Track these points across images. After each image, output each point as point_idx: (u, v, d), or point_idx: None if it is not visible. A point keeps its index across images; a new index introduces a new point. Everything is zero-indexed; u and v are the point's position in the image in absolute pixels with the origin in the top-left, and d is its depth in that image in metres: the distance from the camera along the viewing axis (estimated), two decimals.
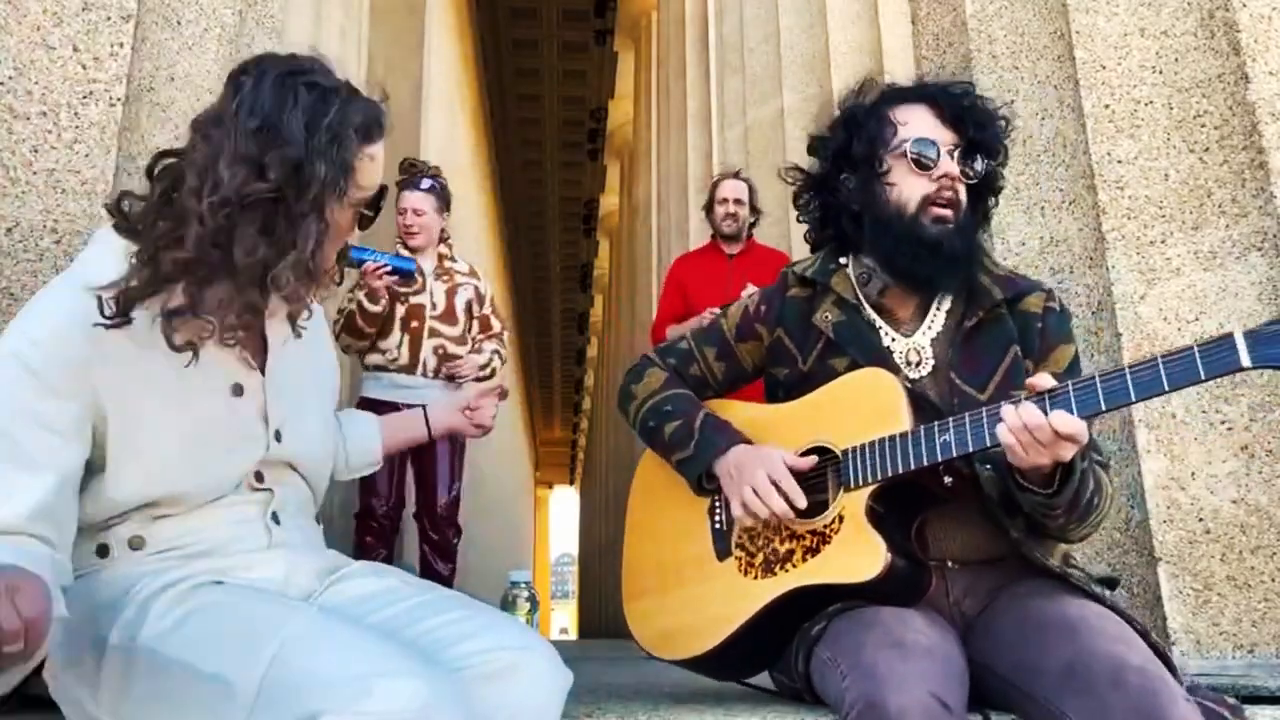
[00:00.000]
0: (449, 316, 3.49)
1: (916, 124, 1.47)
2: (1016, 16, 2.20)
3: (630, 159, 15.27)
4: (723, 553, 1.49)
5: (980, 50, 2.21)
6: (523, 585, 1.71)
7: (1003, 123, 1.51)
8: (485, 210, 16.18)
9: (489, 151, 17.06)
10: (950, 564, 1.41)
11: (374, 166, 1.20)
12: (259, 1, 2.32)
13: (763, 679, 1.57)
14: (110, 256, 1.14)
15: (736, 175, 4.16)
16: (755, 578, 1.42)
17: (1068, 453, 1.22)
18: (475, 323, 3.58)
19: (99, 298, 1.08)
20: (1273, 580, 1.66)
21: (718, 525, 1.52)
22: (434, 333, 3.45)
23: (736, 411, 1.58)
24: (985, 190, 1.52)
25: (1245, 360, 1.09)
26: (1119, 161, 1.90)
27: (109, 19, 1.83)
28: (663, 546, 1.60)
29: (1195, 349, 1.13)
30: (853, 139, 1.52)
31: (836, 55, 4.75)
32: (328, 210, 1.14)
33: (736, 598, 1.43)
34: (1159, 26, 1.94)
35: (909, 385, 1.41)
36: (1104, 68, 1.95)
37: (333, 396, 1.41)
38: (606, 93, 16.59)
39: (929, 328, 1.49)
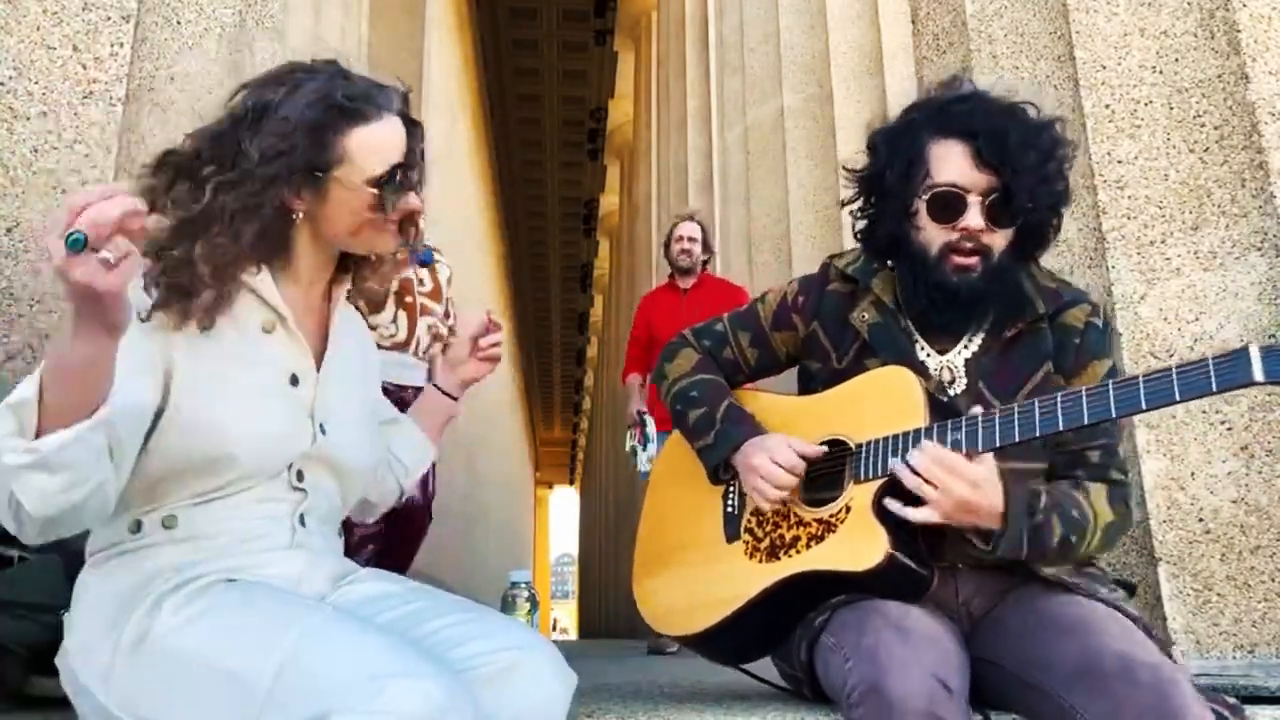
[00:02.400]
0: (436, 294, 3.39)
1: (948, 168, 1.38)
2: (1016, 16, 2.19)
3: (630, 159, 15.27)
4: (732, 536, 1.50)
5: (980, 50, 2.21)
6: (523, 585, 1.71)
7: (1061, 148, 1.41)
8: (485, 210, 16.18)
9: (489, 151, 17.06)
10: (961, 566, 1.42)
11: (369, 145, 1.20)
12: (259, 1, 2.32)
13: (760, 666, 1.58)
14: None
15: (691, 218, 4.69)
16: (760, 561, 1.43)
17: (959, 489, 1.24)
18: (449, 303, 3.46)
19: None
20: (1273, 580, 1.66)
21: (730, 509, 1.53)
22: (425, 310, 3.33)
23: (762, 401, 1.58)
24: (1037, 225, 1.43)
25: (1259, 375, 1.09)
26: (1119, 161, 1.90)
27: (109, 19, 1.83)
28: (676, 526, 1.61)
29: (1210, 361, 1.12)
30: (888, 167, 1.45)
31: (836, 55, 4.75)
32: (269, 191, 1.15)
33: (740, 580, 1.44)
34: (1159, 26, 1.94)
35: (945, 399, 1.41)
36: (1104, 68, 1.95)
37: (374, 413, 1.41)
38: (606, 93, 16.60)
39: (965, 347, 1.46)
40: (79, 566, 1.18)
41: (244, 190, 1.15)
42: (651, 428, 4.48)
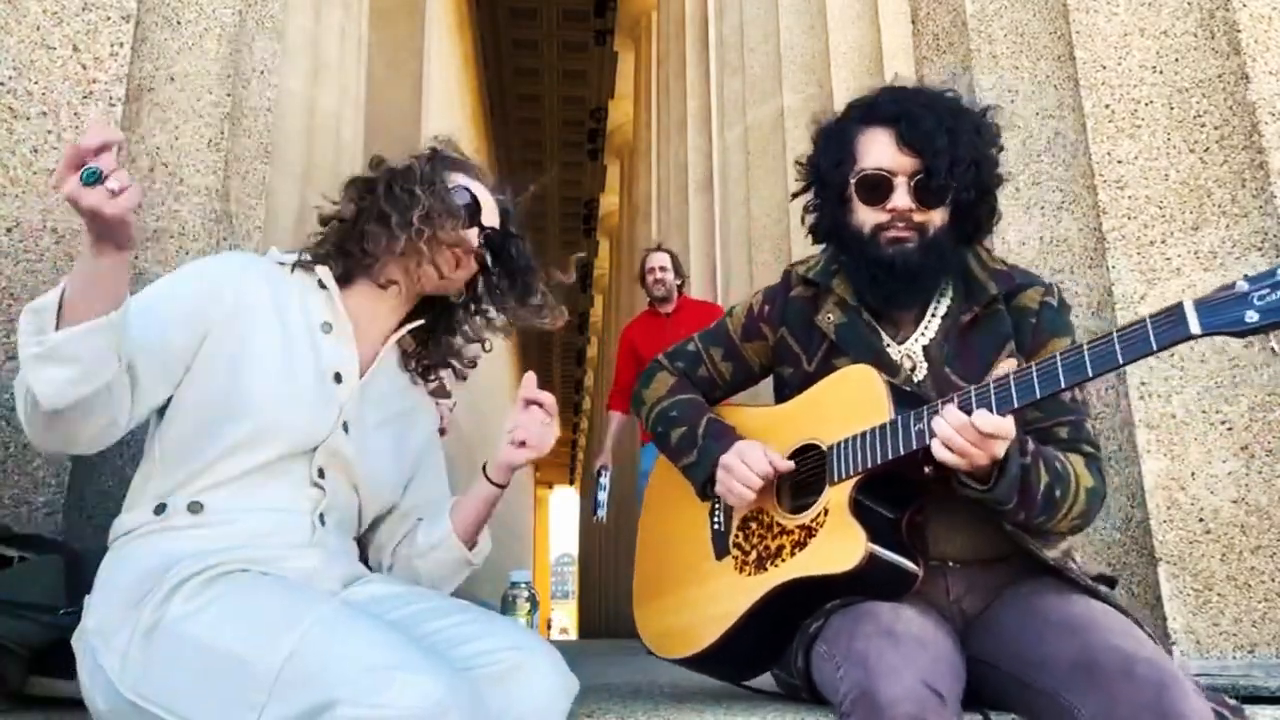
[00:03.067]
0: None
1: (874, 152, 1.46)
2: (1016, 16, 2.19)
3: (630, 159, 15.26)
4: (721, 552, 1.51)
5: (980, 50, 2.21)
6: (523, 585, 1.71)
7: (984, 132, 1.48)
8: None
9: (489, 152, 17.05)
10: (951, 563, 1.41)
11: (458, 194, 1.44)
12: (259, 1, 2.32)
13: (764, 682, 1.57)
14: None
15: (659, 248, 4.99)
16: (749, 574, 1.44)
17: (1000, 449, 1.23)
18: None
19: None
20: (1273, 580, 1.66)
21: (717, 526, 1.54)
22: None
23: (740, 414, 1.60)
24: (969, 206, 1.49)
25: (1195, 328, 1.10)
26: (1119, 161, 1.90)
27: (109, 19, 1.83)
28: (669, 549, 1.62)
29: (1148, 320, 1.14)
30: (823, 157, 1.53)
31: (836, 55, 4.75)
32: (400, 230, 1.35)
33: (732, 595, 1.44)
34: (1159, 26, 1.93)
35: (910, 388, 1.42)
36: (1104, 68, 1.95)
37: (412, 453, 1.45)
38: (606, 93, 16.58)
39: (923, 334, 1.50)
40: (79, 566, 1.18)
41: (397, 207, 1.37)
42: (605, 479, 4.76)
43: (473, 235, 1.43)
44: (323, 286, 1.37)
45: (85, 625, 1.16)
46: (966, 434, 1.22)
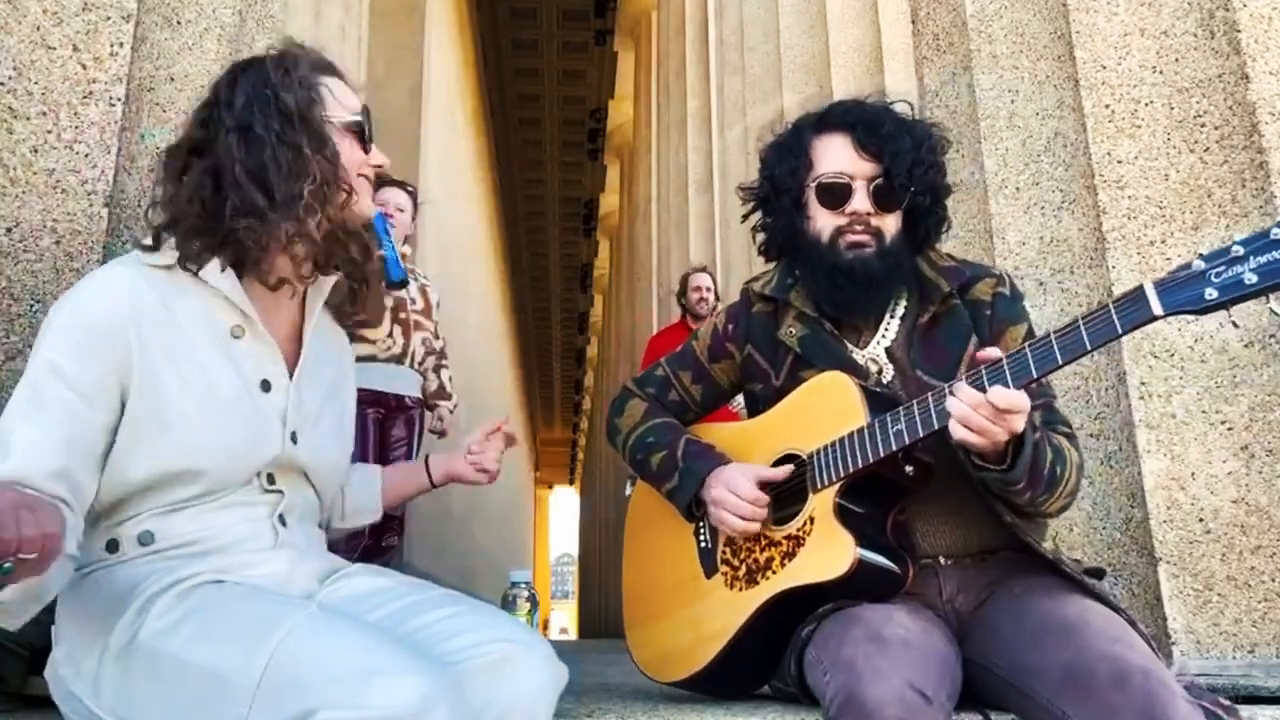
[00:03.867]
0: (427, 311, 3.63)
1: (832, 157, 1.48)
2: (1016, 16, 2.19)
3: (630, 159, 15.26)
4: (710, 570, 1.51)
5: (980, 50, 2.21)
6: (523, 585, 1.71)
7: (935, 140, 1.50)
8: (485, 210, 16.17)
9: (489, 151, 17.05)
10: (942, 560, 1.42)
11: (340, 89, 1.29)
12: (259, 1, 2.32)
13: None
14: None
15: (704, 269, 5.48)
16: (740, 589, 1.44)
17: (1019, 423, 1.23)
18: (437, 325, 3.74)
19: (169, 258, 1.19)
20: (1273, 580, 1.66)
21: (703, 544, 1.54)
22: (418, 325, 3.56)
23: (717, 432, 1.61)
24: (921, 214, 1.51)
25: (1157, 309, 1.12)
26: (1119, 161, 1.90)
27: (109, 19, 1.83)
28: (657, 572, 1.62)
29: (1111, 305, 1.15)
30: (776, 168, 1.55)
31: (836, 55, 4.75)
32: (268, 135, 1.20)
33: (726, 612, 1.44)
34: (1159, 26, 1.94)
35: (880, 389, 1.43)
36: (1104, 68, 1.95)
37: (349, 421, 1.42)
38: (606, 93, 16.59)
39: (883, 337, 1.51)
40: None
41: (252, 132, 1.19)
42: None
43: (377, 156, 1.32)
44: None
45: (54, 656, 1.14)
46: (983, 410, 1.21)
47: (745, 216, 1.66)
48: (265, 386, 1.23)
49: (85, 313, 1.13)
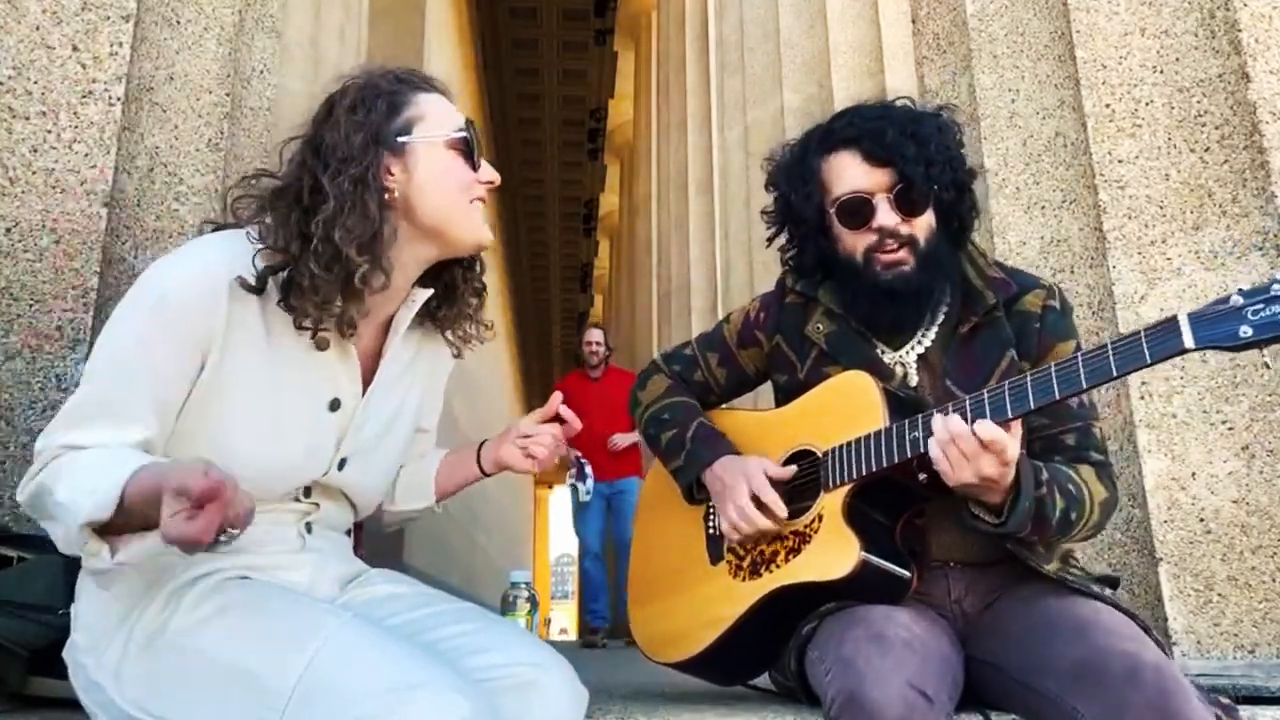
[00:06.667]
0: None
1: (845, 177, 1.44)
2: (1017, 16, 2.19)
3: (630, 159, 15.25)
4: (716, 557, 1.51)
5: (980, 50, 2.20)
6: (523, 585, 1.70)
7: (946, 130, 1.46)
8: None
9: (489, 151, 17.04)
10: (951, 564, 1.41)
11: (438, 105, 1.23)
12: (258, 1, 2.32)
13: (763, 681, 1.57)
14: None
15: (597, 325, 6.48)
16: (744, 580, 1.44)
17: (990, 466, 1.20)
18: None
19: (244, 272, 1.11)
20: (1273, 580, 1.65)
21: (711, 530, 1.54)
22: None
23: (732, 419, 1.61)
24: (951, 206, 1.47)
25: (1189, 342, 1.10)
26: (1120, 161, 1.90)
27: (109, 19, 1.83)
28: (664, 553, 1.62)
29: (1142, 333, 1.13)
30: (791, 194, 1.51)
31: (836, 55, 4.75)
32: (366, 162, 1.14)
33: (727, 600, 1.44)
34: (1160, 26, 1.93)
35: (906, 392, 1.42)
36: (1105, 67, 1.95)
37: (413, 427, 1.37)
38: (606, 92, 16.57)
39: (919, 342, 1.48)
40: (79, 566, 1.17)
41: (352, 173, 1.12)
42: (588, 467, 5.01)
43: (487, 172, 1.25)
44: None
45: (74, 640, 1.13)
46: (964, 444, 1.20)
47: (770, 240, 1.63)
48: (334, 406, 1.19)
49: (184, 292, 1.08)
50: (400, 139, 1.18)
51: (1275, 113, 1.75)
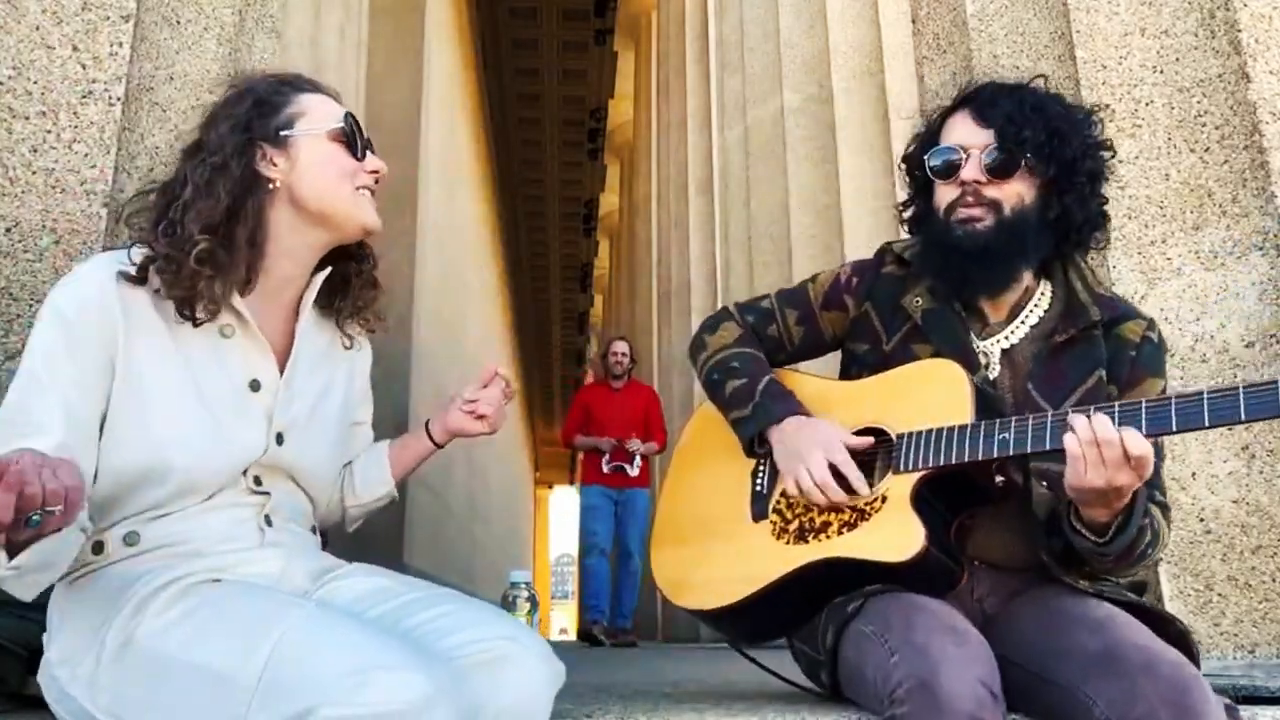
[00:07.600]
0: None
1: (954, 133, 1.46)
2: (1017, 16, 2.19)
3: (630, 159, 15.26)
4: (759, 515, 1.48)
5: (980, 50, 2.20)
6: (523, 585, 1.70)
7: (1073, 112, 1.44)
8: (485, 210, 16.17)
9: (489, 151, 17.05)
10: (978, 563, 1.41)
11: (318, 102, 1.31)
12: (258, 1, 2.32)
13: (771, 657, 1.57)
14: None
15: (622, 338, 6.56)
16: (788, 543, 1.41)
17: (1123, 477, 1.17)
18: None
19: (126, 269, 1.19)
20: (1274, 580, 1.65)
21: (759, 487, 1.51)
22: None
23: (801, 382, 1.57)
24: (1059, 194, 1.43)
25: None
26: (1120, 161, 1.89)
27: (108, 19, 1.83)
28: (700, 498, 1.59)
29: (1240, 388, 1.12)
30: (912, 148, 1.55)
31: (836, 55, 4.76)
32: (236, 156, 1.23)
33: (766, 559, 1.42)
34: (1160, 26, 1.93)
35: (985, 388, 1.40)
36: (1105, 67, 1.95)
37: (344, 418, 1.41)
38: (606, 92, 16.58)
39: (1009, 335, 1.46)
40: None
41: (212, 161, 1.21)
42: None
43: (372, 162, 1.32)
44: None
45: (48, 658, 1.14)
46: (1108, 449, 1.16)
47: (903, 205, 1.61)
48: (254, 386, 1.24)
49: (76, 302, 1.15)
50: (282, 133, 1.26)
51: (1275, 113, 1.75)
